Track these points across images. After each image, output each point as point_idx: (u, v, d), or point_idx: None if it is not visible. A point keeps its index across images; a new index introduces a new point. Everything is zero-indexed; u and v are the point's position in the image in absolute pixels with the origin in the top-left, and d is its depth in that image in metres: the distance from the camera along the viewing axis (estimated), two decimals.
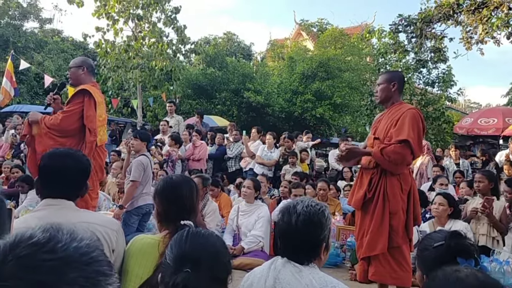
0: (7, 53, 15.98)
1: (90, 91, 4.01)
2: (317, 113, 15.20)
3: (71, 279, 0.64)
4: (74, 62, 4.21)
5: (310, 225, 1.86)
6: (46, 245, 0.66)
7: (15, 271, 0.62)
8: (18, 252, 0.64)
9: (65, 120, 3.86)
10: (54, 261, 0.65)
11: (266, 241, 5.11)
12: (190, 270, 1.29)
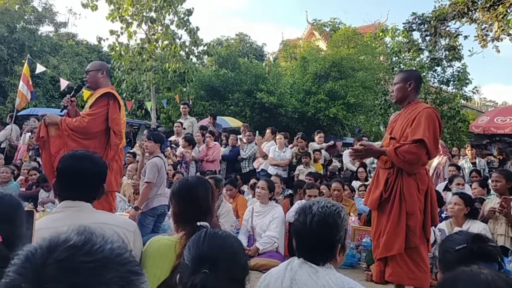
0: (23, 57, 16.23)
1: (115, 94, 4.04)
2: (330, 113, 15.14)
3: (109, 280, 0.66)
4: (93, 66, 4.21)
5: (325, 225, 1.85)
6: (83, 248, 0.68)
7: (56, 274, 0.63)
8: (56, 255, 0.66)
9: (92, 122, 3.87)
10: (92, 263, 0.66)
11: (281, 241, 5.10)
12: (208, 271, 1.29)
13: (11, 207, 1.48)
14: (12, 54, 18.67)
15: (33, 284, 0.63)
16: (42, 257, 0.66)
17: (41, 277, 0.63)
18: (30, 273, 0.64)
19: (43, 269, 0.64)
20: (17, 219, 1.49)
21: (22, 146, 9.30)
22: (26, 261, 0.66)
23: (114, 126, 3.95)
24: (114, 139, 3.94)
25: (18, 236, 1.49)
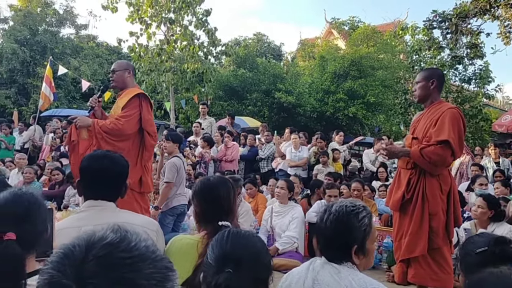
0: (45, 59, 16.53)
1: (146, 95, 4.00)
2: (349, 112, 15.03)
3: (147, 275, 0.68)
4: (119, 65, 4.12)
5: (339, 225, 1.83)
6: (119, 245, 0.69)
7: (96, 270, 0.65)
8: (96, 252, 0.67)
9: (127, 124, 3.78)
10: (130, 259, 0.68)
11: (300, 242, 5.08)
12: (231, 270, 1.29)
13: (29, 206, 1.49)
14: (35, 56, 19.04)
15: (73, 280, 0.64)
16: (81, 254, 0.67)
17: (82, 273, 0.65)
18: (69, 270, 0.66)
19: (83, 265, 0.66)
20: (36, 218, 1.50)
21: (45, 146, 9.47)
22: (65, 258, 0.67)
23: (148, 127, 3.90)
24: (149, 140, 3.89)
25: (37, 234, 1.51)
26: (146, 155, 3.93)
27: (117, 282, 0.65)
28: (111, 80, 4.06)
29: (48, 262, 0.70)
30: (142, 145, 3.90)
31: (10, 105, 18.16)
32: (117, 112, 3.92)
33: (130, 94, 3.92)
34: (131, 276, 0.67)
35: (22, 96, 18.96)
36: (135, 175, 3.78)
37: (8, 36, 19.08)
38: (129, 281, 0.66)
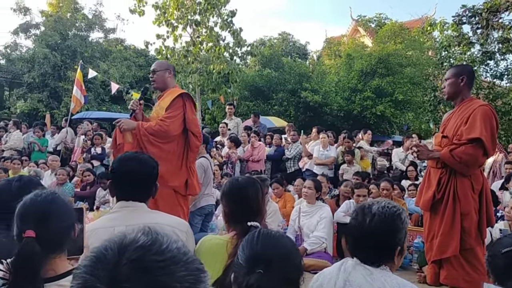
0: (75, 63, 16.95)
1: (189, 95, 3.94)
2: (377, 110, 14.82)
3: (180, 278, 0.68)
4: (160, 65, 4.03)
5: (385, 227, 1.81)
6: (152, 247, 0.69)
7: (130, 273, 0.65)
8: (129, 255, 0.67)
9: (173, 125, 3.70)
10: (163, 262, 0.68)
11: (329, 242, 5.04)
12: (262, 271, 1.29)
13: (49, 206, 1.52)
14: (65, 60, 19.54)
15: (107, 284, 0.65)
16: (114, 257, 0.67)
17: (116, 277, 0.65)
18: (103, 274, 0.66)
19: (116, 269, 0.66)
20: (57, 218, 1.52)
21: (76, 148, 9.70)
22: (98, 262, 0.68)
23: (193, 128, 3.81)
24: (194, 141, 3.81)
25: (60, 234, 1.54)
26: (191, 156, 3.85)
27: (151, 285, 0.65)
28: (152, 80, 3.98)
29: (81, 266, 0.70)
30: (187, 146, 3.81)
31: (43, 108, 18.69)
32: (159, 113, 3.83)
33: (173, 94, 3.84)
34: (164, 279, 0.67)
35: (54, 99, 19.48)
36: (181, 177, 3.73)
37: (40, 41, 19.64)
38: (163, 284, 0.66)
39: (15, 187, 1.90)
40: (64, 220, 1.54)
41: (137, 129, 3.66)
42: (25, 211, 1.50)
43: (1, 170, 7.61)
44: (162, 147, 3.66)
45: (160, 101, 3.90)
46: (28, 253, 1.39)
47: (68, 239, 1.57)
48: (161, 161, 3.52)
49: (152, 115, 3.91)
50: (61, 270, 1.53)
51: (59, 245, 1.55)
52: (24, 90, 20.45)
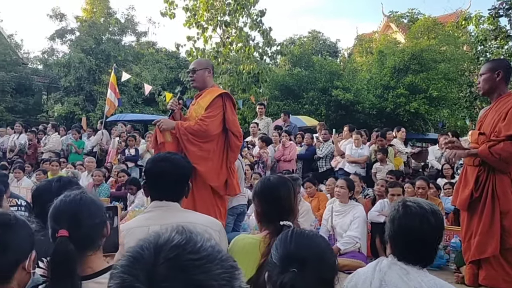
0: (109, 67, 17.35)
1: (229, 94, 3.92)
2: (411, 108, 14.52)
3: (216, 275, 0.68)
4: (199, 64, 3.97)
5: (437, 225, 1.80)
6: (186, 246, 0.70)
7: (167, 273, 0.66)
8: (165, 254, 0.68)
9: (212, 124, 3.67)
10: (199, 261, 0.69)
11: (363, 242, 4.97)
12: (296, 270, 1.29)
13: (79, 207, 1.57)
14: (100, 64, 20.05)
15: (146, 284, 0.65)
16: (150, 257, 0.68)
17: (154, 277, 0.66)
18: (141, 273, 0.67)
19: (154, 268, 0.67)
20: (88, 217, 1.56)
21: (111, 150, 9.93)
22: (136, 262, 0.69)
23: (233, 128, 3.78)
24: (235, 141, 3.79)
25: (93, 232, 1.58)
26: (231, 156, 3.83)
27: (189, 284, 0.66)
28: (191, 80, 3.94)
29: (118, 266, 0.71)
30: (227, 146, 3.79)
31: (79, 111, 19.24)
32: (199, 112, 3.80)
33: (212, 93, 3.80)
34: (201, 278, 0.67)
35: (89, 102, 20.03)
36: (221, 177, 3.72)
37: (75, 46, 20.23)
38: (200, 283, 0.66)
39: (55, 187, 1.97)
40: (94, 218, 1.58)
41: (177, 128, 3.66)
42: (57, 211, 1.55)
43: (41, 171, 7.89)
44: (202, 146, 3.65)
45: (199, 100, 3.87)
46: (63, 252, 1.44)
47: (101, 236, 1.61)
48: (201, 161, 3.57)
49: (191, 114, 3.89)
50: (98, 267, 1.57)
51: (93, 242, 1.59)
52: (61, 94, 21.12)
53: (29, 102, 22.39)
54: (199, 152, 3.58)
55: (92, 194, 1.69)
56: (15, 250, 1.49)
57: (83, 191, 1.64)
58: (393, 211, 1.90)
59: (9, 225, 1.50)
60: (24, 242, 1.53)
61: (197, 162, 3.50)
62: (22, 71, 22.06)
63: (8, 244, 1.47)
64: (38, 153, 10.75)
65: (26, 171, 8.24)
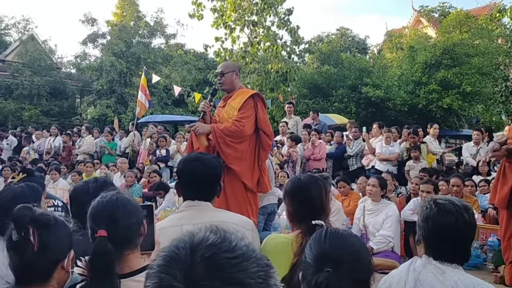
0: (139, 69, 17.67)
1: (260, 94, 3.97)
2: (444, 103, 14.16)
3: (253, 273, 0.69)
4: (227, 67, 4.02)
5: (467, 223, 1.77)
6: (222, 245, 0.70)
7: (205, 271, 0.66)
8: (201, 254, 0.69)
9: (247, 125, 3.71)
10: (235, 259, 0.69)
11: (396, 241, 4.88)
12: (331, 270, 1.28)
13: (115, 208, 1.60)
14: (130, 67, 20.44)
15: (184, 283, 0.66)
16: (187, 256, 0.69)
17: (191, 276, 0.66)
18: (178, 273, 0.67)
19: (191, 268, 0.67)
20: (123, 217, 1.60)
21: (143, 151, 10.11)
22: (172, 261, 0.69)
23: (265, 127, 3.83)
24: (266, 140, 3.83)
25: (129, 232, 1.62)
26: (263, 155, 3.87)
27: (227, 282, 0.66)
28: (220, 82, 3.97)
29: (155, 265, 0.72)
30: (258, 145, 3.83)
31: (111, 113, 19.67)
32: (231, 114, 3.82)
33: (243, 95, 3.86)
34: (238, 276, 0.67)
35: (120, 104, 20.45)
36: (254, 176, 3.76)
37: (107, 50, 20.69)
38: (237, 281, 0.67)
39: (92, 188, 2.02)
40: (131, 217, 1.62)
41: (213, 131, 3.68)
42: (95, 212, 1.60)
43: (76, 173, 8.11)
44: (236, 147, 3.69)
45: (230, 101, 3.89)
46: (102, 252, 1.48)
47: (138, 235, 1.65)
48: (236, 161, 3.62)
49: (222, 116, 3.89)
50: (136, 266, 1.60)
51: (130, 241, 1.62)
52: (93, 97, 21.66)
53: (64, 105, 23.05)
54: (234, 153, 3.63)
55: (127, 194, 1.73)
56: (55, 249, 1.54)
57: (119, 191, 1.68)
58: (425, 210, 1.86)
59: (48, 226, 1.54)
60: (63, 242, 1.58)
61: (233, 162, 3.60)
62: (56, 76, 22.73)
63: (48, 244, 1.51)
64: (73, 155, 11.05)
65: (62, 173, 8.49)
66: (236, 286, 0.66)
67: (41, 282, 1.52)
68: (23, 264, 1.50)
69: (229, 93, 3.96)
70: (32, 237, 1.49)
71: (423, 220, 1.86)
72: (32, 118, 20.48)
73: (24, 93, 21.39)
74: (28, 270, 1.51)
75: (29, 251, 1.48)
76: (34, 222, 1.52)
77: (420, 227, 1.87)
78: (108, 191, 1.67)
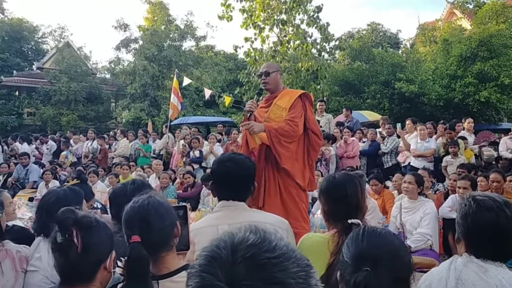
0: (171, 72, 17.94)
1: (307, 94, 3.95)
2: (481, 97, 13.73)
3: (294, 273, 0.69)
4: (271, 67, 3.97)
5: (509, 218, 1.71)
6: (262, 245, 0.71)
7: (246, 271, 0.67)
8: (242, 254, 0.69)
9: (300, 125, 3.70)
10: (276, 259, 0.69)
11: (434, 239, 4.77)
12: (369, 269, 1.26)
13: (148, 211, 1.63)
14: (162, 70, 20.80)
15: (227, 282, 0.67)
16: (228, 256, 0.70)
17: (233, 276, 0.67)
18: (220, 272, 0.68)
19: (232, 267, 0.68)
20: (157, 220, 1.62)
21: (176, 152, 10.26)
22: (214, 261, 0.70)
23: (313, 127, 3.83)
24: (316, 140, 3.82)
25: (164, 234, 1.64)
26: (312, 155, 3.87)
27: (268, 282, 0.66)
28: (264, 82, 3.91)
29: (196, 265, 0.73)
30: (307, 144, 3.82)
31: (145, 116, 20.08)
32: (278, 113, 3.79)
33: (291, 94, 3.85)
34: (280, 276, 0.67)
35: (154, 107, 20.84)
36: (306, 176, 3.77)
37: (139, 55, 21.13)
38: (279, 280, 0.67)
39: (130, 190, 2.07)
40: (164, 220, 1.64)
41: (267, 131, 3.64)
42: (128, 218, 1.63)
43: (113, 175, 8.31)
44: (289, 147, 3.67)
45: (276, 101, 3.84)
46: (137, 257, 1.51)
47: (173, 236, 1.67)
48: (289, 161, 3.64)
49: (269, 116, 3.83)
50: (174, 266, 1.63)
51: (165, 243, 1.65)
52: (127, 101, 22.16)
53: (99, 109, 23.72)
54: (287, 153, 3.62)
55: (159, 195, 1.76)
56: (97, 250, 1.59)
57: (150, 195, 1.70)
58: (464, 207, 1.81)
59: (90, 227, 1.59)
60: (105, 242, 1.62)
61: (287, 162, 3.61)
62: (92, 81, 23.41)
63: (91, 245, 1.56)
64: (109, 158, 11.34)
65: (99, 175, 8.71)
66: (277, 286, 0.66)
67: (85, 282, 1.57)
68: (68, 265, 1.55)
69: (273, 93, 3.93)
70: (76, 239, 1.54)
71: (462, 217, 1.81)
72: (70, 123, 21.17)
73: (62, 99, 22.13)
74: (72, 271, 1.56)
75: (73, 252, 1.53)
76: (77, 224, 1.56)
77: (460, 225, 1.82)
78: (141, 195, 1.70)
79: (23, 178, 9.90)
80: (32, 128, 22.16)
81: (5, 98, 23.66)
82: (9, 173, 10.27)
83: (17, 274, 2.14)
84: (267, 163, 3.69)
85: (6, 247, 2.18)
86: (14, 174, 10.07)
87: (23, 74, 24.98)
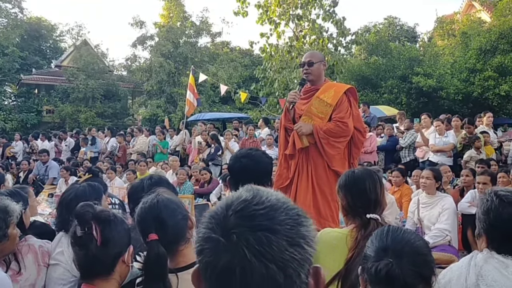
0: (187, 69, 18.03)
1: (352, 89, 3.79)
2: (501, 91, 13.47)
3: (281, 221, 0.77)
4: (315, 56, 3.75)
5: None
6: (253, 200, 0.79)
7: (237, 221, 0.76)
8: (234, 208, 0.78)
9: (350, 124, 3.56)
10: (263, 210, 0.77)
11: (453, 235, 4.70)
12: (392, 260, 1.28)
13: (160, 210, 1.66)
14: (178, 67, 20.91)
15: (220, 233, 0.76)
16: (222, 212, 0.79)
17: (225, 226, 0.76)
18: (215, 226, 0.78)
19: (225, 220, 0.77)
20: (169, 216, 1.66)
21: (192, 149, 10.31)
22: (211, 218, 0.80)
23: (358, 124, 3.67)
24: (359, 137, 3.69)
25: (179, 230, 1.68)
26: (355, 152, 3.75)
27: (255, 229, 0.75)
28: (307, 73, 3.69)
29: (200, 224, 0.82)
30: (350, 142, 3.69)
31: (161, 113, 20.21)
32: (320, 108, 3.62)
33: (336, 89, 3.67)
34: (266, 223, 0.75)
35: (170, 104, 20.97)
36: None
37: (155, 51, 21.26)
38: (265, 227, 0.75)
39: (147, 185, 2.10)
40: (176, 215, 1.68)
41: (315, 132, 3.53)
42: (141, 219, 1.67)
43: (130, 171, 8.40)
44: (337, 146, 3.56)
45: (319, 94, 3.66)
46: (155, 255, 1.55)
47: (187, 229, 1.71)
48: (339, 162, 3.54)
49: (310, 110, 3.67)
50: (191, 259, 1.65)
51: (181, 237, 1.69)
52: (144, 98, 22.36)
53: (116, 106, 23.96)
54: (337, 155, 3.54)
55: (166, 192, 1.78)
56: (116, 244, 1.62)
57: (158, 193, 1.74)
58: (486, 203, 1.78)
59: (109, 221, 1.63)
60: (123, 236, 1.66)
61: (337, 165, 3.51)
62: (109, 78, 23.66)
63: (109, 239, 1.60)
64: (128, 154, 11.46)
65: (117, 172, 8.81)
66: (264, 231, 0.74)
67: (105, 275, 1.61)
68: (88, 258, 1.58)
69: (314, 84, 3.74)
70: (95, 232, 1.57)
71: (484, 213, 1.78)
72: (88, 120, 21.43)
73: (80, 96, 22.42)
74: (93, 264, 1.59)
75: (93, 245, 1.57)
76: (95, 218, 1.60)
77: (481, 220, 1.80)
78: (148, 196, 1.74)
79: (43, 174, 10.09)
80: (51, 125, 22.54)
81: (24, 96, 24.10)
82: (30, 170, 10.48)
83: (39, 268, 2.18)
84: (302, 159, 3.62)
85: (29, 242, 2.23)
86: (34, 171, 10.27)
87: (42, 72, 25.39)
